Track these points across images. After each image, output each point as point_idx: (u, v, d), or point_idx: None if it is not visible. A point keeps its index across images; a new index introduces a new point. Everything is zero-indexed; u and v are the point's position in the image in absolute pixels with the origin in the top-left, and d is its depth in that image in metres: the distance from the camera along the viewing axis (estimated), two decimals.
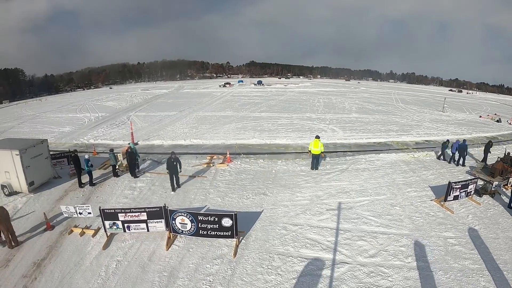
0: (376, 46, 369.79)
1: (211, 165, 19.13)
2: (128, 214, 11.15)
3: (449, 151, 20.23)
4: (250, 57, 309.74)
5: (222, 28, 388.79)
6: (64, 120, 41.24)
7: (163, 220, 11.14)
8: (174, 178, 15.63)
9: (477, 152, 22.30)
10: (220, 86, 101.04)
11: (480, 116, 44.03)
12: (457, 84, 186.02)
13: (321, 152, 18.18)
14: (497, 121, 39.44)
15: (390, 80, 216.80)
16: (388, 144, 25.66)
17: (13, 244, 11.23)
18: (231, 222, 10.51)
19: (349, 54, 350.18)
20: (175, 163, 15.32)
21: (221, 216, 10.61)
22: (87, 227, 12.27)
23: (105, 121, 38.99)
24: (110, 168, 18.17)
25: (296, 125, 33.52)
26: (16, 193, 15.20)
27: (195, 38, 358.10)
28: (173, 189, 15.60)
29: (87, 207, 12.26)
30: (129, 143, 19.89)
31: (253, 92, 76.32)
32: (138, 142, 25.92)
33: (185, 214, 10.84)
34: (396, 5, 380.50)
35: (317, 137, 18.43)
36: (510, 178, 15.02)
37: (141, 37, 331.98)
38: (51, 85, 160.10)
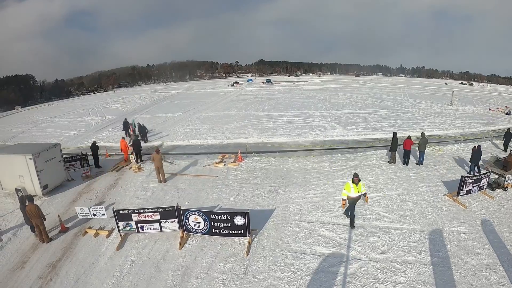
0: (387, 41, 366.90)
1: (223, 164, 19.21)
2: (141, 214, 11.27)
3: None
4: (259, 56, 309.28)
5: (230, 28, 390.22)
6: (72, 124, 42.00)
7: (176, 220, 11.23)
8: None
9: None
10: (228, 85, 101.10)
11: (490, 109, 43.29)
12: (468, 77, 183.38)
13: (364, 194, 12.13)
14: (507, 113, 38.66)
15: (400, 75, 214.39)
16: (388, 140, 25.26)
17: (44, 240, 11.71)
18: (244, 220, 10.54)
19: (359, 50, 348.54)
20: None
21: (233, 215, 10.65)
22: (101, 228, 12.45)
23: (111, 123, 39.70)
24: (123, 170, 18.48)
25: (297, 122, 33.43)
26: None
27: (203, 39, 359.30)
28: None
29: (101, 209, 12.41)
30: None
31: (261, 91, 76.22)
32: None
33: (198, 213, 10.92)
34: None
35: (356, 176, 11.54)
36: None
37: (149, 39, 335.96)
38: (62, 90, 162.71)
